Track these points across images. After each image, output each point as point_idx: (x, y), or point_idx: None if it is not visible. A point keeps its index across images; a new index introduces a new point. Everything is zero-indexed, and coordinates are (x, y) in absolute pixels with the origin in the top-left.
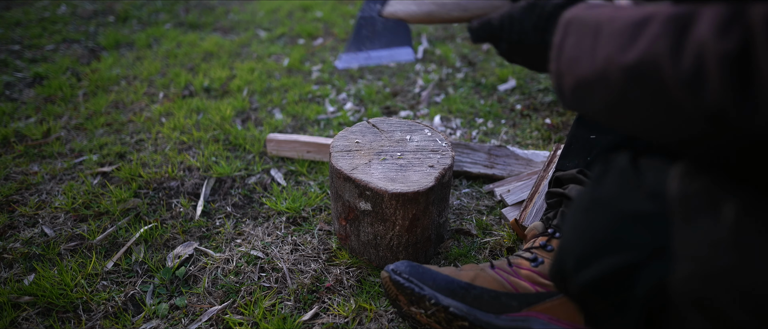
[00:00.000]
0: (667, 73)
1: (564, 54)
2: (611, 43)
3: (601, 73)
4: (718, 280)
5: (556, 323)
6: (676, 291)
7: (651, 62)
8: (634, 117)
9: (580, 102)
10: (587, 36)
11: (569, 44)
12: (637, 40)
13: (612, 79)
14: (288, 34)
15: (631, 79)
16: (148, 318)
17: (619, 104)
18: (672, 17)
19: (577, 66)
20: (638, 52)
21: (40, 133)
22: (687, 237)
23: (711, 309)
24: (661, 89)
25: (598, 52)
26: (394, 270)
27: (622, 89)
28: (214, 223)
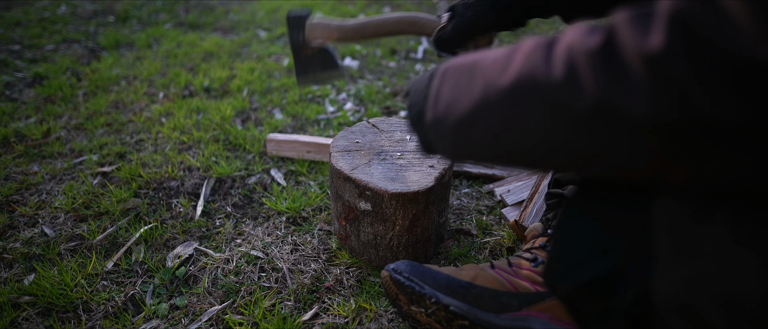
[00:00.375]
0: (544, 80)
1: (441, 100)
2: (487, 73)
3: (481, 103)
4: (700, 287)
5: (556, 322)
6: (659, 297)
7: (528, 76)
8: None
9: (463, 143)
10: (463, 76)
11: (446, 90)
12: (511, 62)
13: (492, 106)
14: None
15: (512, 98)
16: (148, 318)
17: (504, 130)
18: (542, 39)
19: (456, 106)
20: (514, 71)
21: (40, 133)
22: (670, 243)
23: (693, 316)
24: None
25: (475, 86)
26: (395, 269)
27: (505, 111)
28: (214, 223)
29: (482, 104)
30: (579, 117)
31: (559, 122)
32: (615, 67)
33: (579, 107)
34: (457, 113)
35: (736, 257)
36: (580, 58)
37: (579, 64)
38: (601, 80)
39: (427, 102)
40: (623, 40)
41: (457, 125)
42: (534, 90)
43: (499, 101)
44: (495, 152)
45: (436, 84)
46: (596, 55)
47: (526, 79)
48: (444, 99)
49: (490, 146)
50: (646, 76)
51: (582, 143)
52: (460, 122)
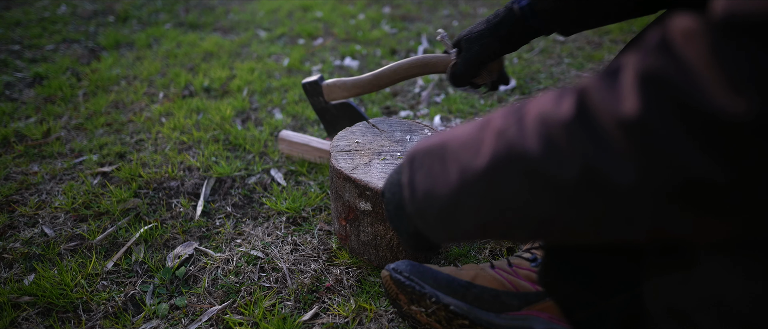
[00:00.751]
0: (521, 155)
1: (418, 190)
2: (459, 157)
3: (460, 188)
4: (690, 291)
5: (556, 322)
6: (649, 299)
7: (504, 154)
8: (510, 219)
9: (453, 228)
10: (435, 162)
11: (420, 179)
12: (482, 143)
13: (473, 190)
14: (288, 34)
15: (492, 179)
16: (148, 318)
17: (490, 212)
18: (508, 111)
19: (435, 194)
20: (487, 151)
21: (40, 133)
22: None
23: (684, 319)
24: (521, 174)
25: (450, 172)
26: (395, 268)
27: (487, 194)
28: (214, 223)
29: (461, 189)
30: (566, 187)
31: (546, 195)
32: (593, 135)
33: (565, 177)
34: (438, 201)
35: (726, 259)
36: (555, 129)
37: (555, 136)
38: (583, 149)
39: (403, 193)
40: (596, 105)
41: (441, 212)
42: (513, 167)
43: (479, 183)
44: (487, 233)
45: (406, 174)
46: (571, 125)
47: (502, 157)
48: (420, 188)
49: (480, 229)
50: (626, 144)
51: (574, 214)
52: (442, 209)
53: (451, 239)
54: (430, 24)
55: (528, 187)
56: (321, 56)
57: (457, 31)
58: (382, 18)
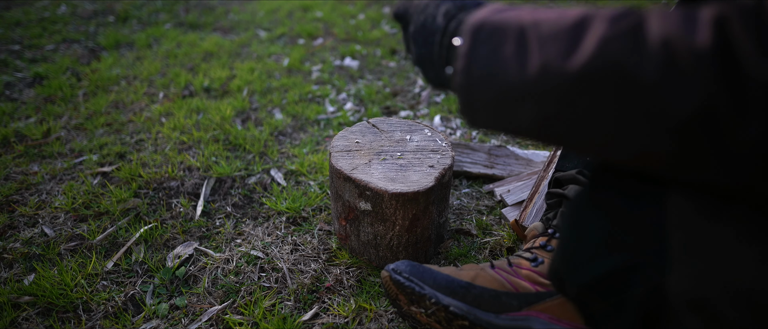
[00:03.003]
0: (632, 75)
1: (475, 67)
2: (546, 48)
3: (537, 85)
4: (712, 281)
5: (556, 322)
6: (671, 292)
7: (610, 67)
8: (583, 134)
9: (499, 120)
10: (508, 43)
11: (482, 55)
12: (582, 41)
13: (553, 93)
14: (288, 34)
15: (584, 90)
16: (148, 318)
17: (557, 117)
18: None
19: (498, 80)
20: (587, 54)
21: (40, 133)
22: (682, 238)
23: (706, 310)
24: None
25: (529, 61)
26: (395, 269)
27: (567, 98)
28: (214, 223)
29: (538, 86)
30: (676, 125)
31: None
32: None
33: (680, 113)
34: (501, 90)
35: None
36: (683, 56)
37: (683, 64)
38: (710, 87)
39: (456, 62)
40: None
41: (498, 102)
42: (618, 86)
43: (564, 86)
44: (540, 134)
45: (467, 42)
46: (709, 58)
47: (607, 69)
48: (481, 64)
49: (536, 129)
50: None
51: (668, 148)
52: (502, 98)
53: (485, 124)
54: None
55: (627, 112)
56: (321, 56)
57: None
58: (382, 18)
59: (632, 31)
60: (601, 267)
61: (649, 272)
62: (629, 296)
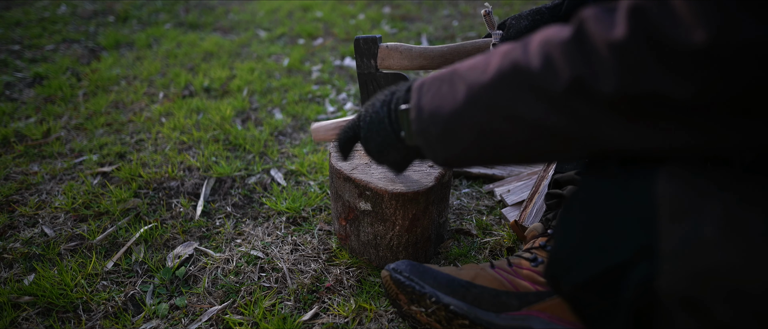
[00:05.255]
0: (524, 69)
1: (424, 109)
2: (468, 76)
3: (466, 101)
4: (704, 279)
5: (556, 322)
6: (663, 291)
7: (508, 68)
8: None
9: (450, 144)
10: (443, 85)
11: (427, 99)
12: (490, 62)
13: (477, 101)
14: (288, 34)
15: (496, 89)
16: (148, 318)
17: (489, 123)
18: (515, 42)
19: (442, 110)
20: (494, 66)
21: (40, 133)
22: (673, 237)
23: (698, 308)
24: (521, 85)
25: (458, 89)
26: (395, 268)
27: (489, 103)
28: (214, 223)
29: (467, 101)
30: (557, 97)
31: (540, 104)
32: (585, 53)
33: (557, 87)
34: (444, 116)
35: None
36: (554, 47)
37: (554, 53)
38: (574, 63)
39: (410, 118)
40: (591, 30)
41: (444, 129)
42: (515, 78)
43: (483, 94)
44: (483, 147)
45: (414, 98)
46: (568, 44)
47: (507, 70)
48: (427, 108)
49: (478, 142)
50: (613, 60)
51: (562, 122)
52: (447, 123)
53: (448, 157)
54: (430, 24)
55: (526, 97)
56: (321, 56)
57: (457, 30)
58: (382, 18)
59: (523, 43)
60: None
61: (643, 271)
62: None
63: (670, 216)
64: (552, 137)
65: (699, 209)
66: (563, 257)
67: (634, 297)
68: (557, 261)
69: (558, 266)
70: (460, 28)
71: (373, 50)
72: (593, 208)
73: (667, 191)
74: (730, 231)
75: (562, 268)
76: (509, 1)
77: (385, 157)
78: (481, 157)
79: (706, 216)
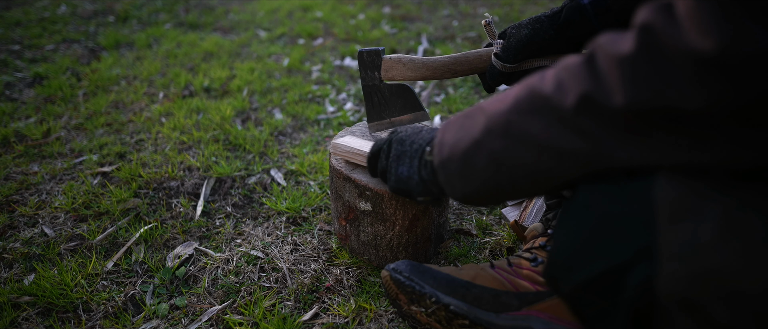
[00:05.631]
0: (538, 93)
1: (446, 145)
2: (489, 108)
3: (484, 129)
4: (703, 280)
5: (556, 322)
6: (662, 292)
7: (525, 94)
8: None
9: (468, 177)
10: (466, 120)
11: (449, 135)
12: (511, 92)
13: (494, 129)
14: (288, 34)
15: (511, 114)
16: (148, 318)
17: (505, 149)
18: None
19: (461, 143)
20: (513, 95)
21: (40, 133)
22: (673, 238)
23: (696, 309)
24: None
25: (478, 120)
26: (395, 268)
27: (505, 128)
28: (214, 223)
29: (485, 129)
30: (568, 115)
31: (551, 123)
32: (594, 71)
33: (566, 106)
34: (463, 146)
35: (737, 249)
36: (566, 70)
37: (565, 75)
38: (583, 81)
39: (433, 151)
40: (601, 50)
41: (463, 160)
42: (530, 103)
43: (499, 120)
44: (500, 178)
45: (439, 135)
46: (579, 65)
47: (523, 96)
48: (448, 142)
49: (495, 173)
50: (619, 74)
51: (573, 141)
52: (465, 155)
53: (465, 190)
54: (430, 24)
55: (537, 117)
56: (321, 56)
57: (457, 31)
58: (382, 18)
59: (541, 73)
60: (595, 268)
61: (642, 272)
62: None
63: (669, 218)
64: (566, 158)
65: (698, 211)
66: (563, 257)
67: (634, 298)
68: (557, 262)
69: (558, 266)
70: (460, 28)
71: (377, 62)
72: (593, 209)
73: (667, 193)
74: (729, 233)
75: (561, 268)
76: (509, 1)
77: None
78: (500, 189)
79: (706, 218)
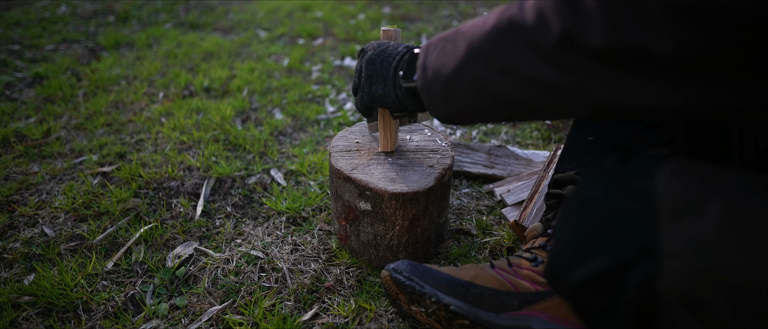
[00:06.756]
0: (519, 25)
1: (429, 67)
2: (469, 33)
3: (466, 55)
4: (705, 278)
5: (556, 322)
6: (664, 290)
7: (505, 23)
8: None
9: (451, 100)
10: (446, 44)
11: (432, 59)
12: (489, 19)
13: (476, 55)
14: (288, 34)
15: (492, 42)
16: (148, 318)
17: (487, 75)
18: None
19: (444, 67)
20: (492, 21)
21: (40, 133)
22: (675, 235)
23: (699, 307)
24: (516, 39)
25: (460, 46)
26: (395, 268)
27: (487, 56)
28: (214, 223)
29: (467, 56)
30: (549, 50)
31: (534, 57)
32: (575, 8)
33: (548, 41)
34: (446, 71)
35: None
36: (547, 3)
37: (546, 9)
38: (565, 17)
39: (417, 72)
40: None
41: (446, 83)
42: (511, 33)
43: (482, 49)
44: (481, 102)
45: (421, 56)
46: (560, 1)
47: (503, 26)
48: (431, 65)
49: (477, 97)
50: (599, 13)
51: (554, 76)
52: (448, 79)
53: (448, 111)
54: (430, 24)
55: (521, 50)
56: (321, 56)
57: None
58: (382, 18)
59: (517, 3)
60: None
61: (644, 270)
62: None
63: (671, 215)
64: (546, 91)
65: (700, 208)
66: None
67: (635, 296)
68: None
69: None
70: None
71: None
72: (594, 207)
73: (668, 190)
74: (731, 230)
75: (562, 267)
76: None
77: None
78: (480, 112)
79: (708, 215)
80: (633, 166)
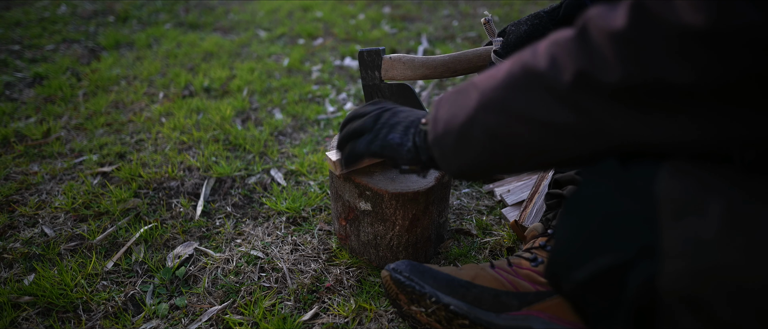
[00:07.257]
0: (532, 69)
1: (439, 120)
2: (480, 84)
3: (478, 105)
4: (706, 277)
5: (556, 322)
6: (664, 290)
7: (518, 69)
8: (516, 131)
9: (463, 151)
10: (459, 96)
11: (443, 111)
12: (501, 67)
13: (488, 104)
14: (288, 34)
15: (505, 90)
16: (148, 318)
17: (500, 124)
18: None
19: (456, 119)
20: (504, 70)
21: (40, 133)
22: (676, 236)
23: (699, 306)
24: (530, 84)
25: (471, 97)
26: (395, 268)
27: (500, 104)
28: (214, 223)
29: (479, 106)
30: (564, 93)
31: (549, 101)
32: (588, 47)
33: (563, 83)
34: (458, 122)
35: (740, 246)
36: (559, 46)
37: (559, 51)
38: (578, 58)
39: (428, 126)
40: (593, 26)
41: (458, 136)
42: (524, 79)
43: (494, 97)
44: (495, 152)
45: (433, 112)
46: (572, 41)
47: (516, 72)
48: (442, 118)
49: (490, 147)
50: (613, 50)
51: (571, 118)
52: (460, 131)
53: (460, 163)
54: (430, 24)
55: (534, 95)
56: (321, 56)
57: (457, 31)
58: (382, 18)
59: (532, 48)
60: (596, 266)
61: (644, 269)
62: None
63: (671, 215)
64: (562, 134)
65: (701, 207)
66: (564, 256)
67: (636, 296)
68: (558, 260)
69: (559, 265)
70: (460, 28)
71: (377, 62)
72: (594, 207)
73: (669, 190)
74: (732, 229)
75: (563, 267)
76: (509, 1)
77: (385, 156)
78: (494, 163)
79: (709, 214)
80: (633, 166)
